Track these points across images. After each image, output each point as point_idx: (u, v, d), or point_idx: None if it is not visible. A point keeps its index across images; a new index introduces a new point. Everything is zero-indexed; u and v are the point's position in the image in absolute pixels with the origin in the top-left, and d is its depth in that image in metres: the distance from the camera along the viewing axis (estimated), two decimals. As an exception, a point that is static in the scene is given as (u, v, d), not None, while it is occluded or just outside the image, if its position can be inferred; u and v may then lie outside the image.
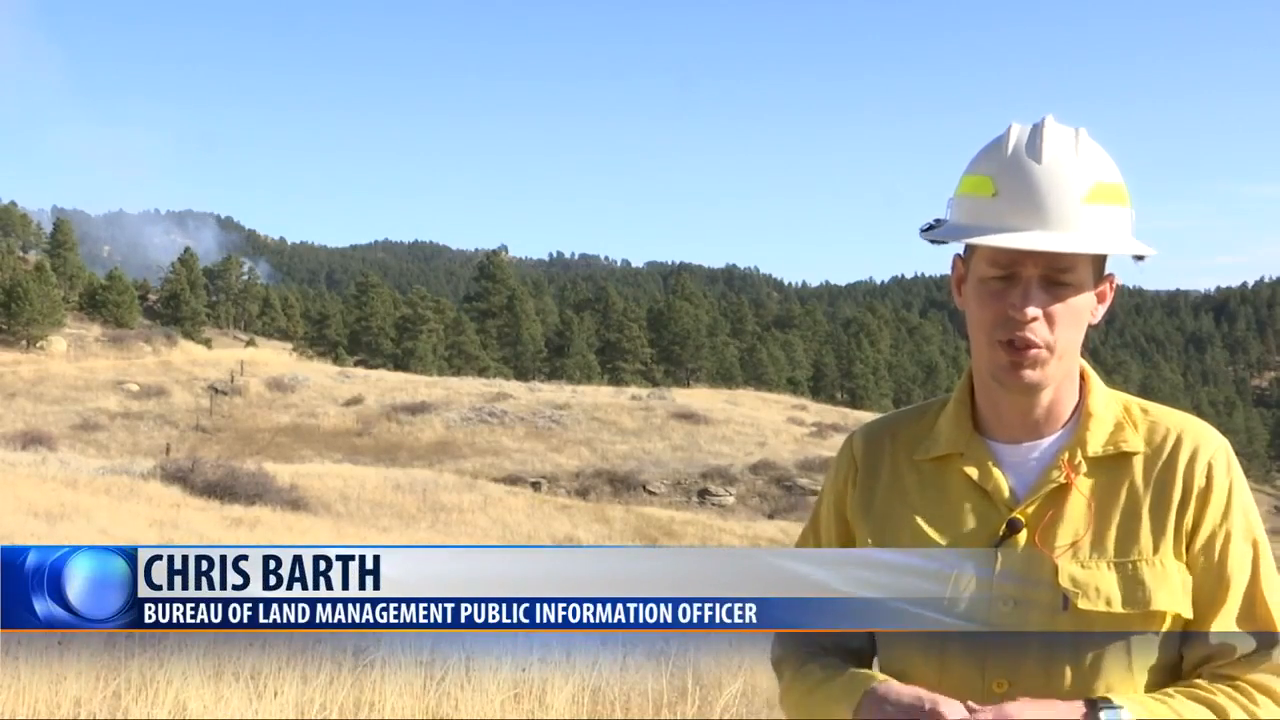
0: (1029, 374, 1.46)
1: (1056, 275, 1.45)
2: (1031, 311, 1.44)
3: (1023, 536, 1.46)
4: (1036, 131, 1.47)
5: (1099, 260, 1.49)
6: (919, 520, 1.53)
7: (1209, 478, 1.48)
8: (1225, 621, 1.45)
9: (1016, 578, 1.45)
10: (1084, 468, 1.49)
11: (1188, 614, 1.45)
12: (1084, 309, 1.48)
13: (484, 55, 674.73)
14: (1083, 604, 1.43)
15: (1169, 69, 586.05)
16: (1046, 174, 1.45)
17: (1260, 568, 1.47)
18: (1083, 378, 1.55)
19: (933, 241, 1.56)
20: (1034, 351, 1.45)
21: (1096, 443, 1.50)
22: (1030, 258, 1.45)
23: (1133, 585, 1.43)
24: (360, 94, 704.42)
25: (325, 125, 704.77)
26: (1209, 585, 1.46)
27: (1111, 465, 1.50)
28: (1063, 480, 1.48)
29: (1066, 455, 1.50)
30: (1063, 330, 1.46)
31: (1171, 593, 1.44)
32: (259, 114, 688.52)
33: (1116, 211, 1.47)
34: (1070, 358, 1.49)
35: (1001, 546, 1.46)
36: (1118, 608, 1.42)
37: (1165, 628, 1.44)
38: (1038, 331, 1.45)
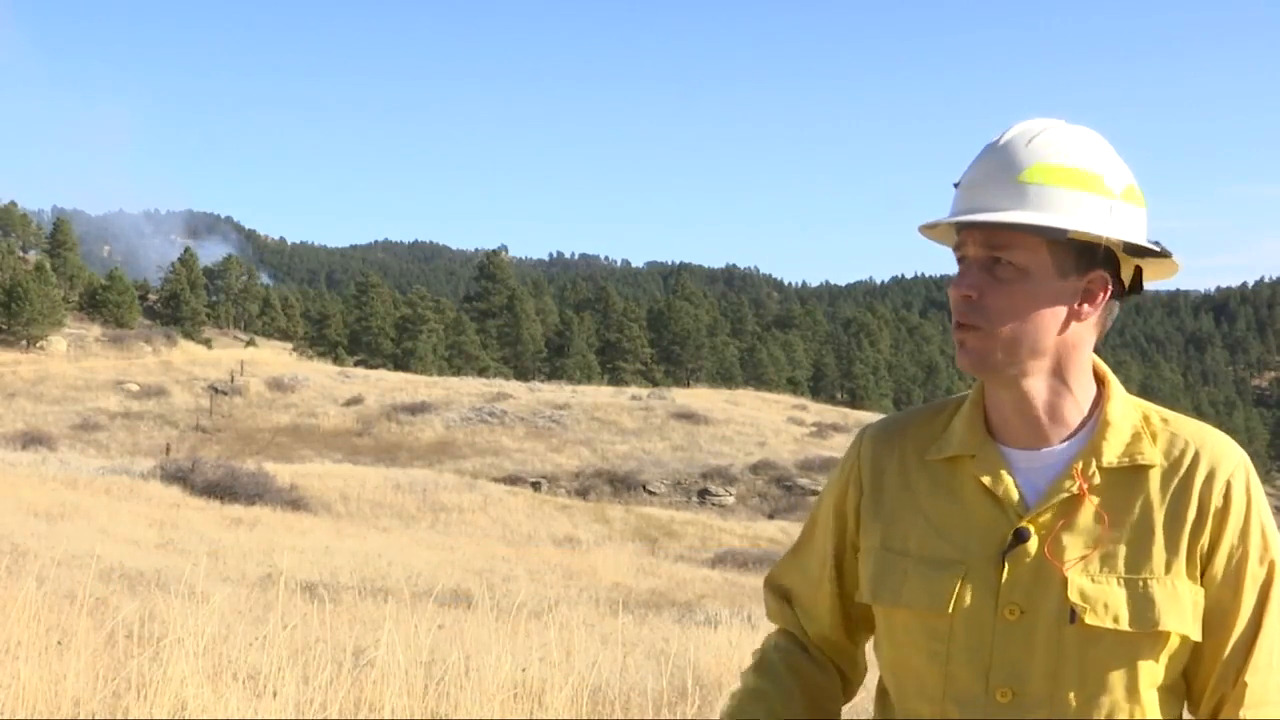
0: (963, 356, 1.43)
1: (993, 254, 1.41)
2: (962, 289, 1.42)
3: (1032, 545, 1.43)
4: (1008, 128, 1.46)
5: (1068, 249, 1.42)
6: (928, 523, 1.49)
7: (1226, 497, 1.43)
8: (1236, 650, 1.43)
9: (1023, 588, 1.42)
10: (1097, 478, 1.44)
11: (1195, 636, 1.42)
12: (1037, 298, 1.41)
13: (484, 56, 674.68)
14: (1090, 619, 1.39)
15: (1169, 69, 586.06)
16: (993, 157, 1.44)
17: (1272, 593, 1.43)
18: (1103, 384, 1.50)
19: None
20: (964, 332, 1.42)
21: (1112, 453, 1.45)
22: (971, 238, 1.43)
23: (1142, 604, 1.40)
24: (361, 94, 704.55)
25: (326, 126, 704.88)
26: (1222, 609, 1.43)
27: (1126, 477, 1.44)
28: (1075, 491, 1.43)
29: (1080, 464, 1.44)
30: (1001, 314, 1.41)
31: (1180, 614, 1.40)
32: (260, 115, 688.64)
33: (1064, 194, 1.41)
34: (1034, 349, 1.42)
35: (1009, 555, 1.43)
36: (1125, 625, 1.39)
37: (1172, 648, 1.42)
38: (971, 310, 1.41)
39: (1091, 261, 1.44)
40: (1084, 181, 1.42)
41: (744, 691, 1.65)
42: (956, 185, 1.48)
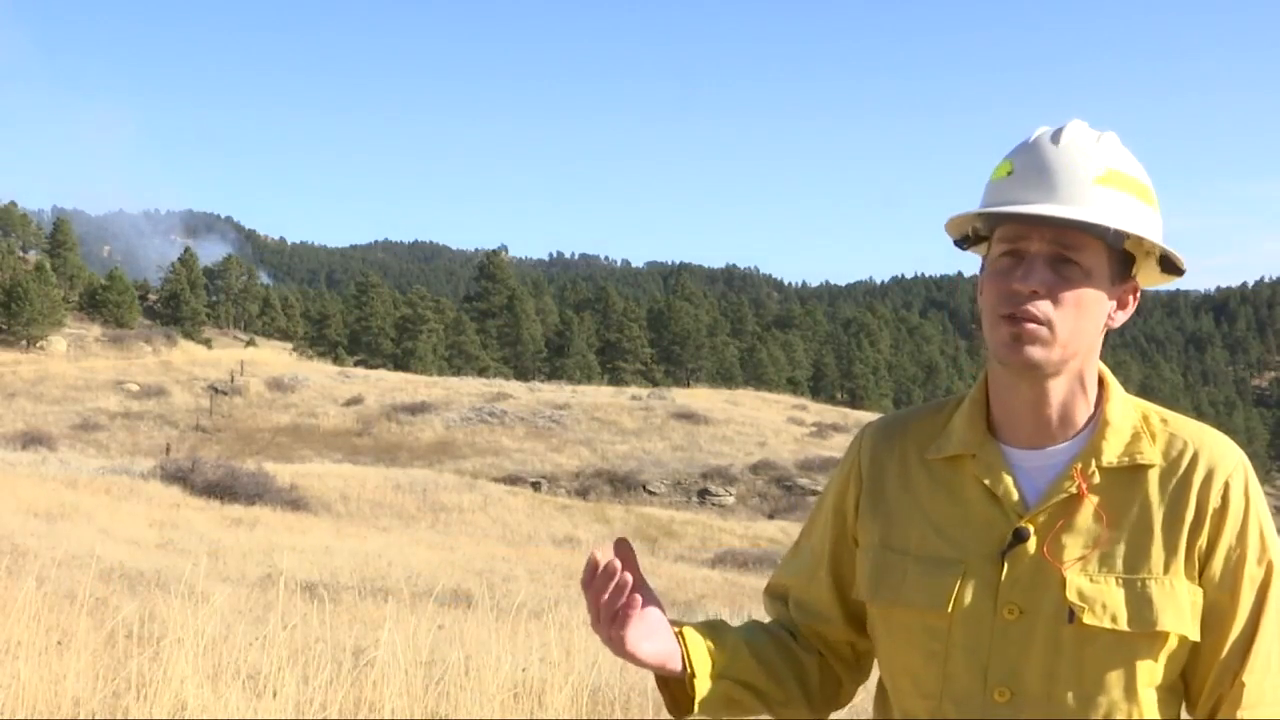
0: (1030, 350, 1.40)
1: (1063, 252, 1.41)
2: (1032, 284, 1.39)
3: (1031, 545, 1.43)
4: (1063, 126, 1.46)
5: (1118, 257, 1.44)
6: (928, 522, 1.50)
7: (1224, 498, 1.43)
8: (1233, 651, 1.43)
9: (1022, 587, 1.42)
10: (1097, 478, 1.44)
11: (1194, 636, 1.42)
12: (1094, 301, 1.42)
13: (484, 56, 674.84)
14: (1088, 619, 1.39)
15: (1169, 69, 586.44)
16: (1060, 154, 1.43)
17: (1269, 594, 1.43)
18: (1102, 384, 1.51)
19: (958, 245, 1.54)
20: (1033, 327, 1.40)
21: (1112, 453, 1.45)
22: (1036, 232, 1.41)
23: (1140, 604, 1.40)
24: (361, 94, 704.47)
25: (326, 125, 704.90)
26: (1220, 610, 1.43)
27: (1126, 477, 1.45)
28: (1075, 490, 1.44)
29: (1080, 465, 1.45)
30: (1067, 313, 1.41)
31: (1179, 614, 1.41)
32: (259, 114, 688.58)
33: (1133, 202, 1.43)
34: (1077, 349, 1.43)
35: (1008, 554, 1.43)
36: (1123, 625, 1.40)
37: (1170, 648, 1.42)
38: (1039, 307, 1.40)
39: (1130, 270, 1.47)
40: (1141, 191, 1.45)
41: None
42: (1009, 174, 1.46)
